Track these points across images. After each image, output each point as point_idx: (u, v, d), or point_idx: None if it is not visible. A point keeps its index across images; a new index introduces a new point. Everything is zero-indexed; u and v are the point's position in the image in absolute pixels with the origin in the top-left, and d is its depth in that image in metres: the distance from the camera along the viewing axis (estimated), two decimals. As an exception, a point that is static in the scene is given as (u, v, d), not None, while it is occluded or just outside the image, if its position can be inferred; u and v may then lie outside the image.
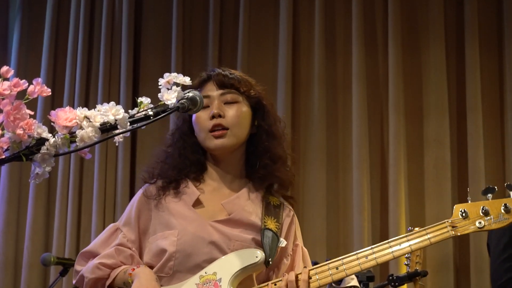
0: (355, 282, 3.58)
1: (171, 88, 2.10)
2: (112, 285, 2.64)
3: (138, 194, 2.75)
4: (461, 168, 5.15)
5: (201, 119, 2.62)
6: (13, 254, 5.59)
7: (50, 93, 1.93)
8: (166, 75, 2.10)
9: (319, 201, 5.25)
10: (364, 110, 5.25)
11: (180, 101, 2.12)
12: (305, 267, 2.55)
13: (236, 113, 2.66)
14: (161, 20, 5.84)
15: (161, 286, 2.58)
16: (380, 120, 5.35)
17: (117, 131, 1.96)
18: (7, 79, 1.89)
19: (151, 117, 2.03)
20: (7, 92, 1.87)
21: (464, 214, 2.50)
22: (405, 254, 2.53)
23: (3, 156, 1.84)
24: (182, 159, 2.70)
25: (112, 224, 2.76)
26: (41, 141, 1.87)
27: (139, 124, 2.02)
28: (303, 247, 2.76)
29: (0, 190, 5.63)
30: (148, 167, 2.77)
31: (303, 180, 5.37)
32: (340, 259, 2.52)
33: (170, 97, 2.08)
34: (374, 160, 5.26)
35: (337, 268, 2.52)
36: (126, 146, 5.55)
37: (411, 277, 4.41)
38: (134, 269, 2.59)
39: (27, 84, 1.91)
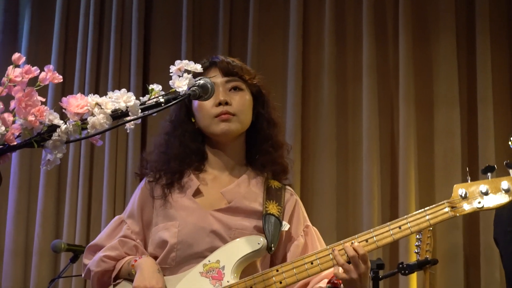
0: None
1: (182, 75, 2.11)
2: (118, 276, 2.67)
3: (140, 186, 2.77)
4: (471, 159, 5.14)
5: (207, 105, 2.63)
6: (24, 241, 5.62)
7: (62, 80, 1.94)
8: (177, 62, 2.11)
9: (329, 191, 5.25)
10: (374, 101, 5.24)
11: (191, 88, 2.13)
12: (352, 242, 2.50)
13: (242, 101, 2.69)
14: (171, 9, 5.84)
15: (165, 276, 2.60)
16: (390, 111, 5.34)
17: (128, 118, 1.96)
18: (18, 66, 1.90)
19: (162, 104, 2.03)
20: (18, 79, 1.88)
21: (463, 194, 2.47)
22: (405, 236, 2.49)
23: (15, 143, 1.84)
24: (183, 148, 2.71)
25: (117, 217, 2.80)
26: (53, 127, 1.87)
27: (150, 111, 2.02)
28: (314, 227, 2.76)
29: (11, 178, 5.66)
30: (149, 160, 2.77)
31: (312, 171, 5.37)
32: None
33: (181, 84, 2.08)
34: (384, 151, 5.25)
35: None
36: (136, 134, 5.56)
37: (421, 265, 4.42)
38: (136, 260, 2.61)
39: (39, 71, 1.91)
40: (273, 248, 2.58)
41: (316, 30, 5.54)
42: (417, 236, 4.53)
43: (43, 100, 1.90)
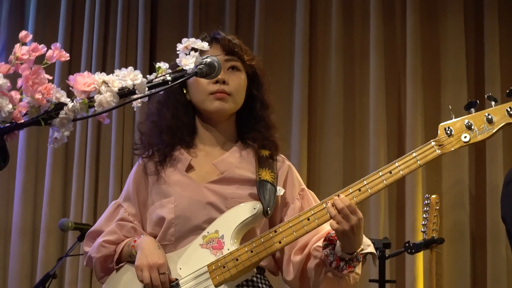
0: (371, 248, 3.58)
1: (189, 53, 2.10)
2: (120, 260, 2.71)
3: (134, 168, 2.81)
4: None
5: (203, 81, 2.63)
6: (31, 220, 5.64)
7: (69, 58, 1.94)
8: (184, 40, 2.11)
9: (336, 170, 5.25)
10: (382, 79, 5.23)
11: (198, 67, 2.13)
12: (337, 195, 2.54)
13: (238, 81, 2.73)
14: (178, -12, 5.83)
15: (166, 253, 2.62)
16: (397, 89, 5.33)
17: (135, 96, 1.96)
18: (25, 44, 1.90)
19: (169, 82, 2.03)
20: (25, 57, 1.87)
21: (449, 132, 2.48)
22: (396, 180, 2.49)
23: (22, 121, 1.84)
24: (174, 121, 2.75)
25: (113, 202, 2.85)
26: (60, 105, 1.87)
27: (157, 89, 2.02)
28: (310, 190, 2.79)
29: (18, 158, 5.67)
30: (142, 131, 2.81)
31: (319, 149, 5.37)
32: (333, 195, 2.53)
33: (188, 62, 2.08)
34: (391, 129, 5.25)
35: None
36: (143, 112, 5.54)
37: (428, 244, 4.42)
38: (135, 240, 2.64)
39: (46, 49, 1.91)
40: (269, 212, 2.61)
41: (323, 9, 5.52)
42: (424, 215, 4.53)
43: (50, 78, 1.90)
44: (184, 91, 2.75)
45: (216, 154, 2.75)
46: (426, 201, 4.57)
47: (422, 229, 4.50)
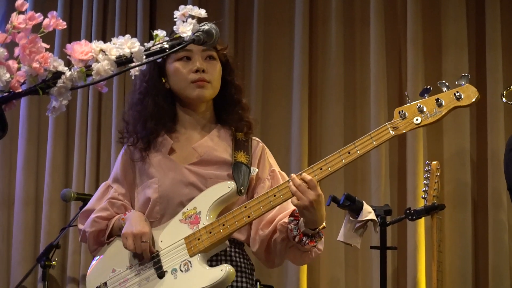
0: (372, 215, 3.61)
1: (187, 20, 2.10)
2: (112, 234, 2.98)
3: (122, 152, 3.06)
4: (479, 102, 5.09)
5: (183, 70, 2.90)
6: (34, 191, 5.65)
7: (65, 26, 1.93)
8: (181, 7, 2.09)
9: (337, 137, 5.25)
10: (382, 45, 5.21)
11: (195, 34, 2.12)
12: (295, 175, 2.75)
13: (215, 69, 2.94)
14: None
15: (152, 229, 2.87)
16: (398, 55, 5.32)
17: (132, 64, 1.96)
18: (22, 13, 1.89)
19: (167, 50, 2.03)
20: (22, 26, 1.87)
21: (402, 115, 2.67)
22: (355, 158, 2.73)
23: (20, 90, 1.85)
24: (157, 109, 2.95)
25: (104, 183, 3.10)
26: (57, 74, 1.87)
27: (154, 57, 2.02)
28: (281, 171, 3.03)
29: (20, 128, 5.67)
30: (127, 120, 3.02)
31: (320, 117, 5.37)
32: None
33: (185, 29, 2.07)
34: (392, 95, 5.24)
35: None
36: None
37: (429, 210, 4.43)
38: (125, 214, 2.93)
39: (42, 17, 1.91)
40: (243, 191, 2.86)
41: (323, -25, 5.49)
42: (425, 182, 4.54)
43: (48, 46, 1.89)
44: (163, 80, 2.96)
45: (197, 137, 2.98)
46: (427, 168, 4.57)
47: (423, 196, 4.51)
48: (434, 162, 4.57)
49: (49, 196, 5.54)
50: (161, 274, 2.80)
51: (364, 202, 3.60)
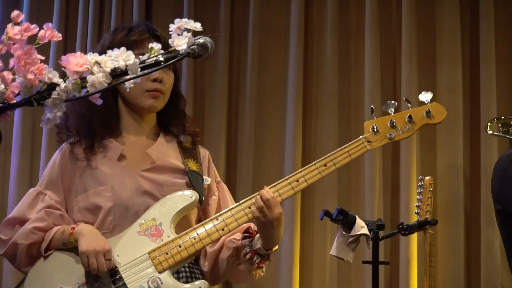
0: (365, 230, 3.60)
1: (182, 34, 2.10)
2: (49, 248, 2.71)
3: (58, 154, 2.83)
4: (473, 116, 5.14)
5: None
6: (27, 201, 5.63)
7: (61, 38, 1.93)
8: (177, 20, 2.09)
9: (331, 149, 5.09)
10: (377, 58, 5.22)
11: (190, 47, 2.12)
12: (268, 186, 2.70)
13: (170, 80, 2.85)
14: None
15: None
16: (392, 68, 5.33)
17: (127, 77, 1.96)
18: (18, 24, 1.89)
19: (162, 63, 2.02)
20: (18, 37, 1.87)
21: (375, 129, 2.73)
22: (331, 172, 2.74)
23: (15, 101, 1.84)
24: (104, 109, 2.76)
25: (30, 190, 2.85)
26: (52, 86, 1.86)
27: (149, 70, 2.02)
28: (223, 183, 2.99)
29: (13, 138, 5.65)
30: (69, 116, 2.83)
31: (315, 128, 5.37)
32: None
33: (180, 43, 2.07)
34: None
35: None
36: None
37: (421, 225, 4.43)
38: (73, 227, 2.66)
39: (38, 29, 1.91)
40: (203, 200, 2.76)
41: (318, -13, 5.50)
42: (418, 197, 4.54)
43: (43, 58, 1.90)
44: None
45: (143, 143, 2.85)
46: (420, 183, 4.57)
47: (416, 211, 4.51)
48: (427, 177, 4.58)
49: (42, 205, 5.52)
50: None
51: (357, 216, 3.59)
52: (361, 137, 2.74)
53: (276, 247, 2.70)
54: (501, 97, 5.04)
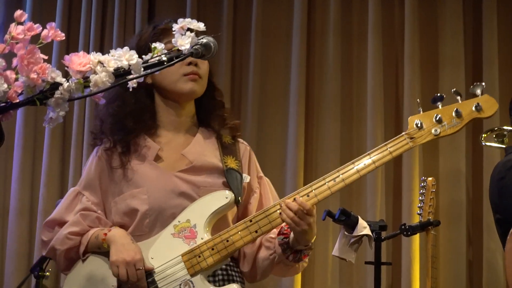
0: (367, 231, 3.60)
1: (185, 33, 2.10)
2: (86, 251, 2.69)
3: (95, 155, 2.78)
4: (476, 119, 5.12)
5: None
6: (29, 201, 5.63)
7: (64, 38, 1.93)
8: (180, 20, 2.10)
9: (333, 151, 5.25)
10: (379, 61, 5.22)
11: (193, 47, 2.12)
12: (294, 198, 2.59)
13: (205, 67, 2.77)
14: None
15: (137, 242, 2.62)
16: (395, 71, 5.33)
17: (130, 76, 1.96)
18: (21, 23, 1.90)
19: (165, 63, 2.03)
20: (21, 36, 1.87)
21: (419, 125, 2.56)
22: (370, 171, 2.61)
23: (17, 100, 1.84)
24: (138, 104, 2.73)
25: (71, 189, 2.82)
26: (55, 85, 1.86)
27: (152, 70, 2.02)
28: (265, 177, 2.88)
29: (16, 138, 5.66)
30: (102, 117, 2.78)
31: (317, 131, 5.37)
32: (309, 186, 2.58)
33: (184, 42, 2.07)
34: (389, 111, 5.25)
35: (308, 195, 2.58)
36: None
37: (424, 226, 4.43)
38: (106, 233, 2.63)
39: (41, 28, 1.91)
40: (240, 200, 2.67)
41: (321, -11, 5.50)
42: (420, 198, 4.54)
43: (46, 57, 1.90)
44: None
45: (180, 140, 2.77)
46: (422, 184, 4.57)
47: (418, 212, 4.51)
48: (430, 178, 4.57)
49: (44, 206, 5.52)
50: None
51: (359, 217, 3.58)
52: (403, 133, 2.58)
53: (314, 237, 2.63)
54: (503, 100, 5.03)
